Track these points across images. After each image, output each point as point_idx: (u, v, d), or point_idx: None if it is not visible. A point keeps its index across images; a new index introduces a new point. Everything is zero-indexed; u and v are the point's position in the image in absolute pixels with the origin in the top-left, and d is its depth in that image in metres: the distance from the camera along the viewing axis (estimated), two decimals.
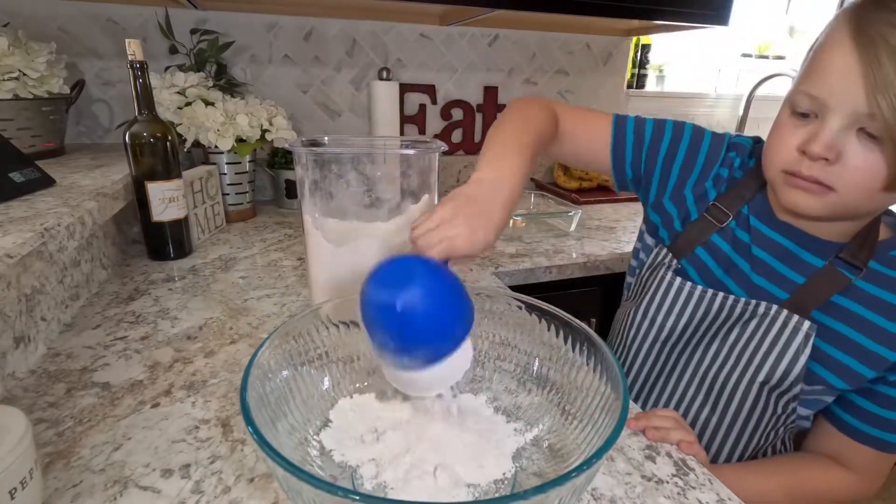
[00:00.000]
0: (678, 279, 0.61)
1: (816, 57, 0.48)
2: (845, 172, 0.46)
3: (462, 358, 0.40)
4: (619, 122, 0.66)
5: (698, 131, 0.64)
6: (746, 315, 0.56)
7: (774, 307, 0.54)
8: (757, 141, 0.63)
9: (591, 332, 0.42)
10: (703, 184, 0.61)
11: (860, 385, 0.53)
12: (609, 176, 0.69)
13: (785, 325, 0.53)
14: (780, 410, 0.57)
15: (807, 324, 0.52)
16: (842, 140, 0.45)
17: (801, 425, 0.59)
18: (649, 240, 0.69)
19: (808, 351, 0.52)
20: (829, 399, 0.56)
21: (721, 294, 0.58)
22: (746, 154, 0.61)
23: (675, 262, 0.62)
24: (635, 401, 0.67)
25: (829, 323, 0.53)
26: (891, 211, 0.55)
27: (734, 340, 0.56)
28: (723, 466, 0.58)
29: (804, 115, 0.48)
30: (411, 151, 0.63)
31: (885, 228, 0.55)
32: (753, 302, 0.55)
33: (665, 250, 0.63)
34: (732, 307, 0.57)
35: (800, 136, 0.48)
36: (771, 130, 0.53)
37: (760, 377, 0.55)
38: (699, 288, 0.59)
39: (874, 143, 0.44)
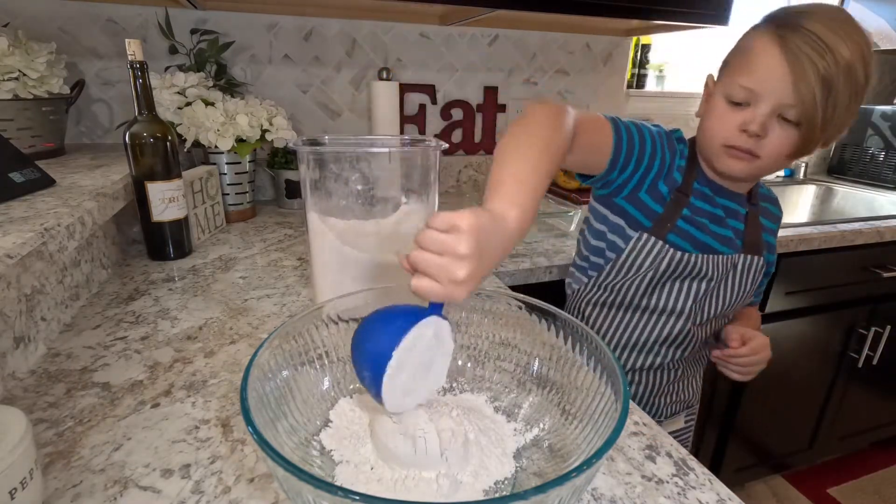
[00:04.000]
0: (678, 252, 0.72)
1: (746, 60, 0.64)
2: (768, 145, 0.64)
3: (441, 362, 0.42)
4: (618, 130, 0.67)
5: (661, 133, 0.75)
6: (728, 266, 0.75)
7: (744, 255, 0.75)
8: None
9: (591, 331, 0.42)
10: (671, 175, 0.74)
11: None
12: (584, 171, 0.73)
13: (755, 266, 0.77)
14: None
15: (761, 260, 0.77)
16: (768, 122, 0.63)
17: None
18: (631, 232, 0.75)
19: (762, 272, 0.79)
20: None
21: (710, 256, 0.74)
22: (685, 143, 0.77)
23: (661, 240, 0.74)
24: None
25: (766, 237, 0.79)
26: None
27: (732, 286, 0.78)
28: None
29: (737, 104, 0.65)
30: (412, 150, 0.63)
31: None
32: (732, 255, 0.74)
33: (646, 235, 0.74)
34: (717, 263, 0.74)
35: (737, 119, 0.65)
36: (709, 116, 0.70)
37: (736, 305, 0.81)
38: (695, 255, 0.73)
39: (788, 125, 0.63)
